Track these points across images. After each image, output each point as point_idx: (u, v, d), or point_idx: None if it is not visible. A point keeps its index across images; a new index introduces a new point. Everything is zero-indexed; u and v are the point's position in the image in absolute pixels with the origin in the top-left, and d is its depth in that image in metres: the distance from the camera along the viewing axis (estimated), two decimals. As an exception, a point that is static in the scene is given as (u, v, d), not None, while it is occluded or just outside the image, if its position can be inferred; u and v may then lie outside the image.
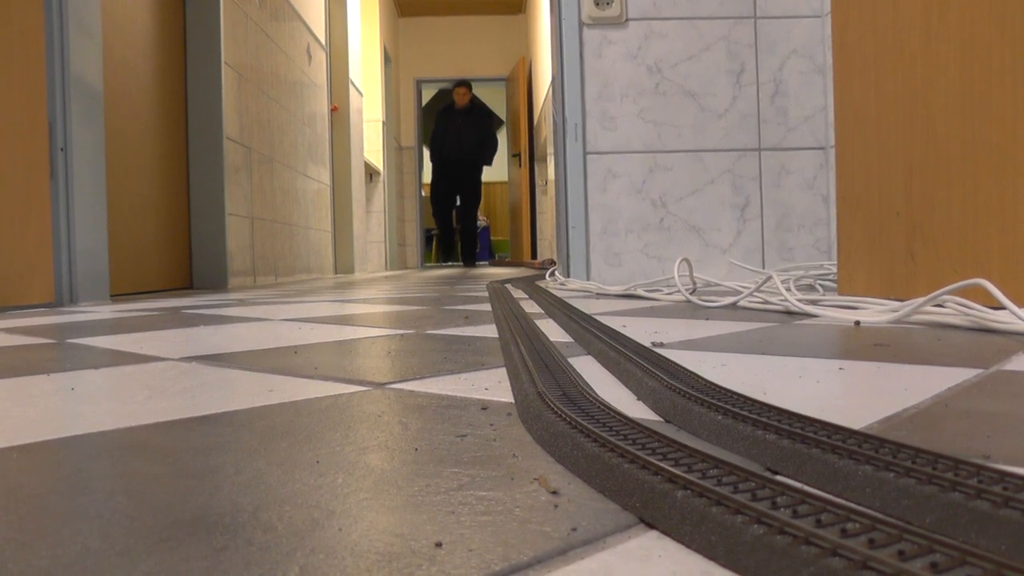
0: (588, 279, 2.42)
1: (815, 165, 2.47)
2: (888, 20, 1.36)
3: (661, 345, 0.91)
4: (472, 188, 7.73)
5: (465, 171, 7.58)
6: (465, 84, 7.65)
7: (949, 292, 1.04)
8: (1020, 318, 0.93)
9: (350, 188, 5.58)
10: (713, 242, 2.46)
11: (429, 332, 1.15)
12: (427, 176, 8.26)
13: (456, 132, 7.52)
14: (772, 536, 0.27)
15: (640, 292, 1.83)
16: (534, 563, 0.30)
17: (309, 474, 0.42)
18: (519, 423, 0.53)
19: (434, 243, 9.35)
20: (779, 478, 0.34)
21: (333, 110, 5.41)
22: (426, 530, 0.33)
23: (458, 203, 7.88)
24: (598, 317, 1.21)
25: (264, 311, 1.71)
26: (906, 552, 0.25)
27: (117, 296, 2.51)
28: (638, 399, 0.61)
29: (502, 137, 10.17)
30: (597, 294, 1.99)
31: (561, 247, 2.57)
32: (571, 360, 0.77)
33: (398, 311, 1.62)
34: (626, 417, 0.45)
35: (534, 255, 7.40)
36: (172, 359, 0.93)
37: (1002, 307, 0.97)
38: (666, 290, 1.83)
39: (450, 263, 7.73)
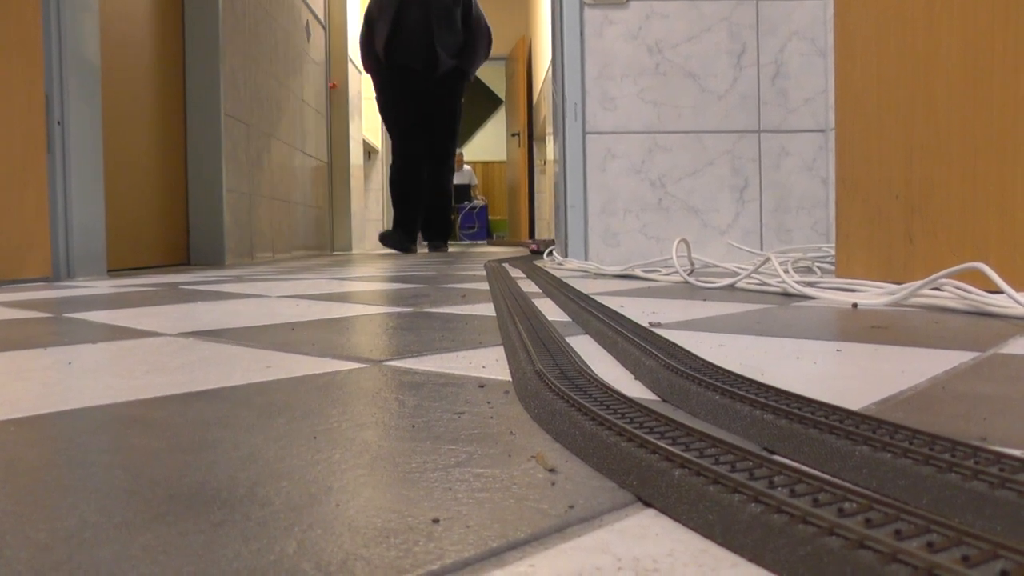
0: (586, 259, 2.42)
1: (815, 147, 2.46)
2: (890, 2, 1.35)
3: (659, 325, 0.91)
4: (446, 118, 4.35)
5: (436, 89, 4.24)
6: None
7: (947, 275, 1.04)
8: (1017, 302, 0.93)
9: (348, 166, 5.56)
10: (712, 223, 2.46)
11: (426, 310, 1.15)
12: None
13: (418, 19, 4.15)
14: (769, 515, 0.27)
15: (638, 272, 1.82)
16: (531, 540, 0.30)
17: (307, 450, 0.42)
18: (516, 401, 0.53)
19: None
20: (776, 458, 0.34)
21: (332, 87, 5.38)
22: (423, 506, 0.33)
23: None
24: (596, 297, 1.21)
25: (261, 287, 1.71)
26: (902, 532, 0.25)
27: (114, 271, 2.50)
28: (636, 378, 0.61)
29: (500, 117, 10.10)
30: (595, 274, 1.98)
31: (559, 227, 2.57)
32: (569, 339, 0.77)
33: (395, 289, 1.62)
34: (624, 396, 0.45)
35: (532, 235, 7.39)
36: (170, 334, 0.93)
37: (1000, 291, 0.97)
38: (664, 271, 1.83)
39: (405, 245, 4.31)
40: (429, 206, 4.44)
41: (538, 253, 3.41)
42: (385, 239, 4.32)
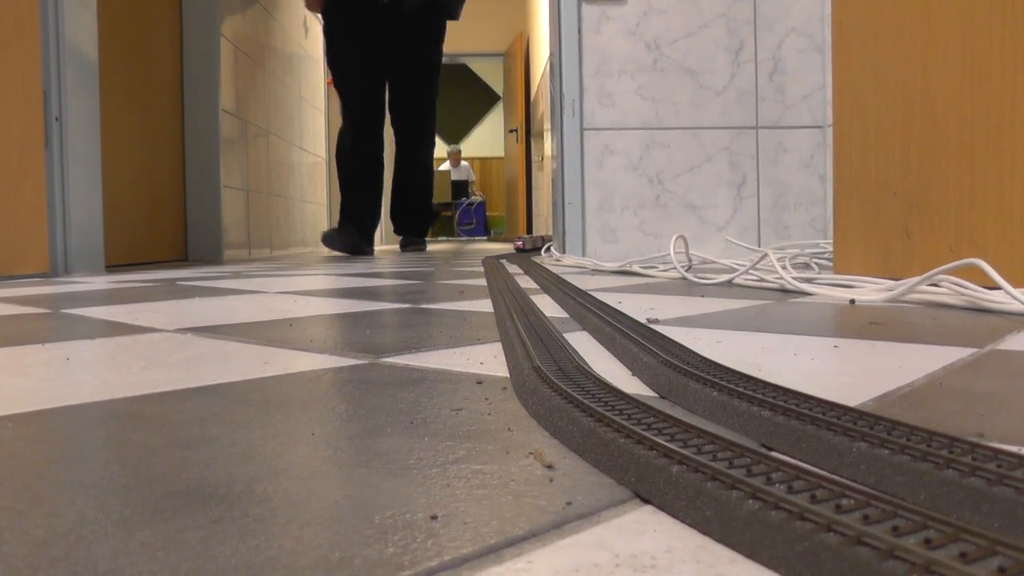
0: (584, 255, 2.41)
1: (812, 143, 2.46)
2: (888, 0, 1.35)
3: (656, 321, 0.91)
4: (423, 75, 3.43)
5: (411, 31, 3.35)
6: None
7: (944, 272, 1.04)
8: (1015, 298, 0.93)
9: (346, 162, 5.55)
10: (709, 219, 2.46)
11: (424, 306, 1.15)
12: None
13: None
14: (767, 511, 0.27)
15: (636, 269, 1.82)
16: (529, 536, 0.30)
17: (304, 446, 0.42)
18: (514, 397, 0.53)
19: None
20: (774, 454, 0.34)
21: (329, 84, 5.37)
22: (421, 503, 0.33)
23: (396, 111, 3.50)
24: (594, 293, 1.21)
25: (259, 283, 1.71)
26: (900, 528, 0.25)
27: (112, 267, 2.50)
28: (633, 375, 0.61)
29: (497, 113, 10.07)
30: (593, 270, 1.98)
31: (557, 223, 2.57)
32: (567, 335, 0.77)
33: (393, 285, 1.62)
34: (622, 392, 0.45)
35: (530, 231, 7.38)
36: (167, 330, 0.93)
37: (997, 287, 0.97)
38: (662, 267, 1.83)
39: (355, 245, 3.35)
40: (402, 189, 3.52)
41: (525, 251, 3.20)
42: (328, 240, 3.38)
